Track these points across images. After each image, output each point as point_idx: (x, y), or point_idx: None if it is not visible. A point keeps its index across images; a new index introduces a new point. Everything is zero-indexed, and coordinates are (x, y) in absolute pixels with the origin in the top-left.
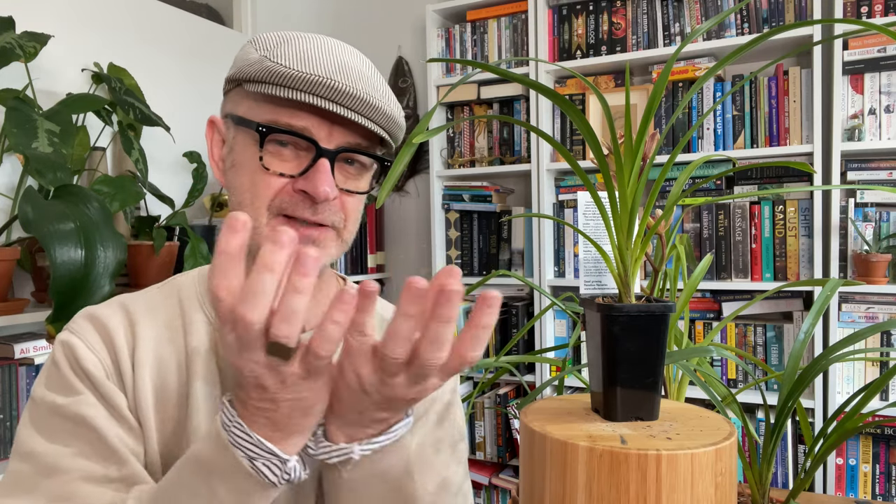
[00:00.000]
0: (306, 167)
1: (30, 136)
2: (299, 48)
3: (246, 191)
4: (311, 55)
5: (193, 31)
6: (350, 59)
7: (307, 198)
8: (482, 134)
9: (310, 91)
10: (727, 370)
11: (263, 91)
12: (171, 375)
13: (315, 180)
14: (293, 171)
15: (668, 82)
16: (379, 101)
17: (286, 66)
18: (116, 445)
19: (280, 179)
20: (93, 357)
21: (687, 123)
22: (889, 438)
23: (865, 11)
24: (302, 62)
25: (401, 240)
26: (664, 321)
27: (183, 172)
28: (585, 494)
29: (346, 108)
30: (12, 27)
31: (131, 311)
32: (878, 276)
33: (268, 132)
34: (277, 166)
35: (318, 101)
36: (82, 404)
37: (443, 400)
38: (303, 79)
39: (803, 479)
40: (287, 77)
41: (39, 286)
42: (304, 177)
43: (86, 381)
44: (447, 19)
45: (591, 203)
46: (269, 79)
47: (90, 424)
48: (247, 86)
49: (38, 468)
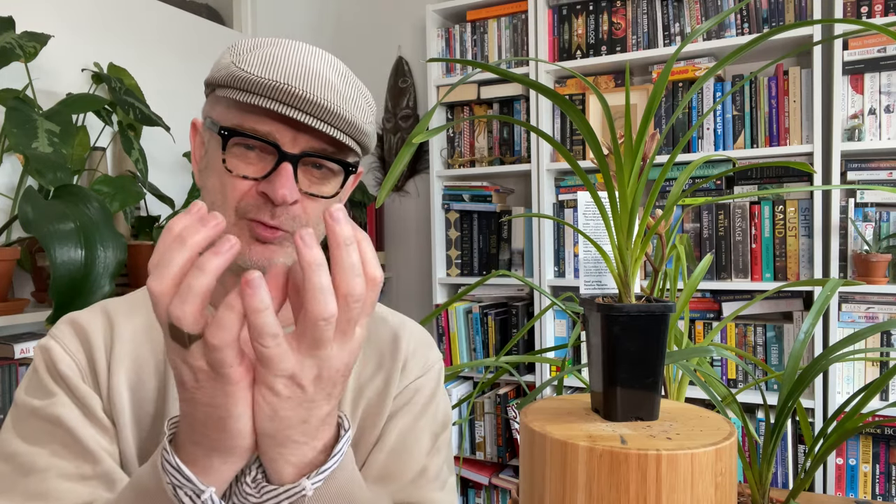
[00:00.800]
0: (269, 171)
1: (30, 136)
2: (266, 53)
3: (217, 192)
4: (275, 61)
5: (193, 31)
6: (317, 65)
7: (268, 201)
8: (482, 134)
9: (270, 97)
10: (727, 370)
11: (230, 96)
12: (149, 374)
13: (275, 183)
14: (256, 174)
15: (668, 82)
16: (340, 108)
17: (249, 72)
18: (90, 445)
19: (244, 182)
20: (68, 359)
21: (687, 123)
22: (889, 438)
23: (865, 11)
24: (265, 68)
25: (401, 240)
26: (664, 321)
27: (183, 172)
28: (585, 494)
29: (305, 114)
30: (12, 27)
31: (111, 313)
32: (878, 276)
33: (230, 135)
34: (242, 169)
35: (277, 106)
36: (57, 405)
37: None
38: (263, 84)
39: (803, 479)
40: (249, 83)
41: (39, 286)
42: (267, 180)
43: (61, 384)
44: (447, 19)
45: (591, 203)
46: (234, 84)
47: (65, 425)
48: (218, 91)
49: (16, 468)
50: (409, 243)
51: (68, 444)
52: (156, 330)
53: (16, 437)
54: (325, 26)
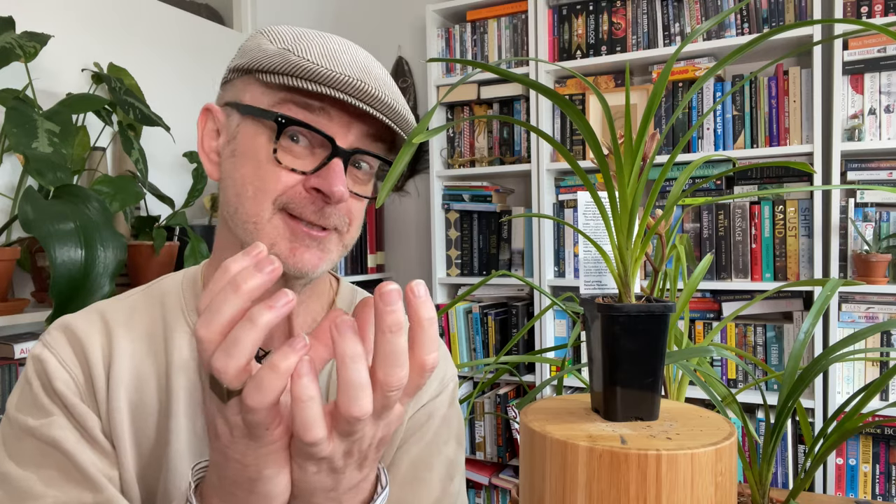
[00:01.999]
0: (319, 165)
1: (30, 136)
2: (323, 45)
3: (248, 183)
4: (336, 55)
5: (193, 31)
6: (370, 64)
7: (318, 198)
8: (482, 134)
9: (335, 87)
10: (727, 370)
11: (285, 83)
12: (150, 392)
13: (330, 178)
14: (306, 167)
15: (668, 82)
16: (399, 106)
17: (313, 62)
18: (90, 471)
19: (291, 175)
20: (65, 375)
21: (687, 123)
22: (889, 438)
23: (865, 11)
24: (329, 60)
25: (401, 240)
26: (664, 321)
27: (183, 172)
28: (585, 494)
29: (374, 110)
30: (12, 27)
31: (109, 322)
32: (878, 276)
33: (287, 123)
34: (289, 161)
35: (343, 96)
36: (54, 427)
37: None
38: (332, 77)
39: (803, 479)
40: (314, 73)
41: (39, 286)
42: (317, 175)
43: (57, 402)
44: (447, 19)
45: (591, 203)
46: (293, 72)
47: (62, 448)
48: (262, 76)
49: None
50: (408, 243)
51: (67, 469)
52: (157, 341)
53: (8, 459)
54: (324, 26)
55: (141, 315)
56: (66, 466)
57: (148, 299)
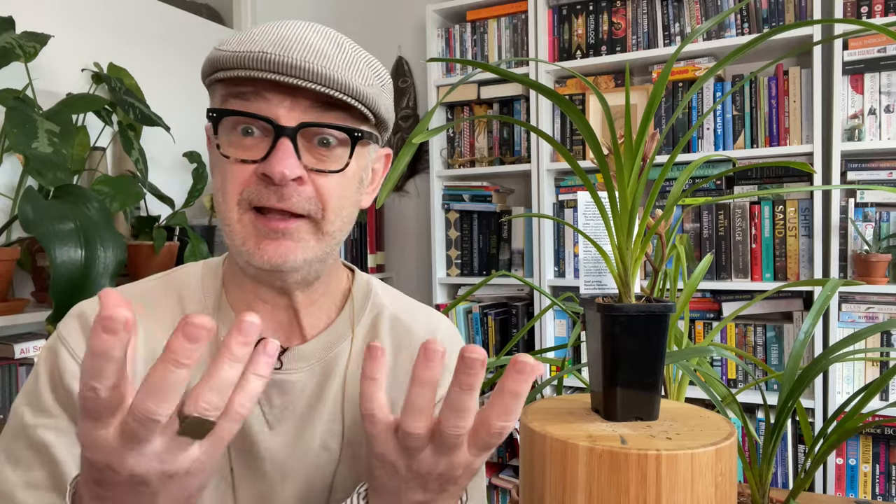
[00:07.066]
0: (268, 151)
1: (30, 136)
2: (247, 32)
3: (218, 189)
4: (254, 37)
5: (193, 31)
6: (301, 34)
7: (270, 182)
8: (482, 134)
9: (250, 67)
10: (727, 370)
11: (216, 78)
12: None
13: (271, 159)
14: (255, 156)
15: (668, 82)
16: (325, 69)
17: (229, 50)
18: None
19: (244, 167)
20: (75, 367)
21: (687, 123)
22: (889, 438)
23: (865, 11)
24: (243, 44)
25: (401, 240)
26: (664, 321)
27: (183, 172)
28: (585, 494)
29: (288, 77)
30: (12, 27)
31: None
32: (878, 276)
33: (218, 116)
34: (240, 154)
35: (258, 74)
36: (50, 430)
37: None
38: (246, 58)
39: (803, 479)
40: (229, 60)
41: (39, 286)
42: (266, 160)
43: (61, 401)
44: (447, 19)
45: (591, 203)
46: (216, 66)
47: (51, 456)
48: (206, 83)
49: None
50: (408, 243)
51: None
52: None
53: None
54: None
55: (158, 303)
56: (54, 474)
57: (164, 288)
